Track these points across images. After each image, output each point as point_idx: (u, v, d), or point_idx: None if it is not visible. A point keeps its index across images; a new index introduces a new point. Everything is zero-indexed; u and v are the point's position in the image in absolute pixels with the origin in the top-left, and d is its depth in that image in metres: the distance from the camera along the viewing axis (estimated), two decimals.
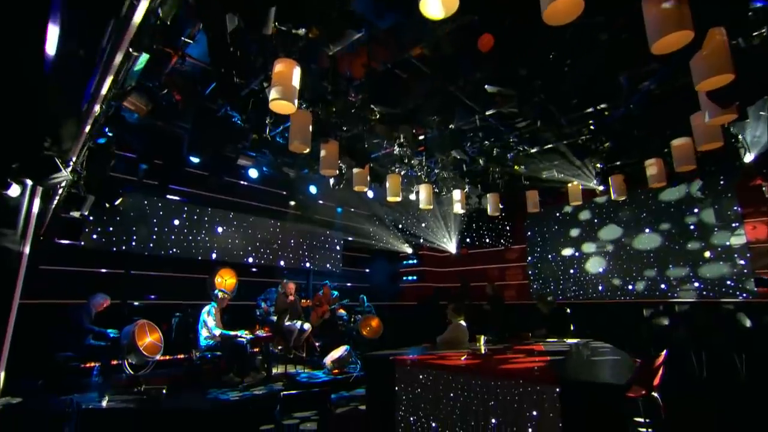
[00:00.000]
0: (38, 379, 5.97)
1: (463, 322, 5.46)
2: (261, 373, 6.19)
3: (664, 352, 3.76)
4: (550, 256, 10.72)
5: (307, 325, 7.49)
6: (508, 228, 11.55)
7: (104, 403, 5.06)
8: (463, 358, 3.95)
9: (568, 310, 6.10)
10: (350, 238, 11.55)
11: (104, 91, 2.25)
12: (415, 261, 12.54)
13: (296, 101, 3.06)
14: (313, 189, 9.59)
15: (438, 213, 11.07)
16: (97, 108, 2.35)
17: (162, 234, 7.86)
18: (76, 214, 4.64)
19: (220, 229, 8.65)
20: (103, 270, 7.30)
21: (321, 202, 10.50)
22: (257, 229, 9.32)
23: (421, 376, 3.60)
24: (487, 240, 11.43)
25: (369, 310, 9.79)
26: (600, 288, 9.68)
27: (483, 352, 4.37)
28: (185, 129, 6.83)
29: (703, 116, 3.20)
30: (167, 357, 6.98)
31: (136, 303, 7.59)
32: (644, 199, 9.10)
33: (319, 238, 10.57)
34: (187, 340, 6.59)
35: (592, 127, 5.68)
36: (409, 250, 11.99)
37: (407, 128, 4.89)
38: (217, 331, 5.90)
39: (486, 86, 4.26)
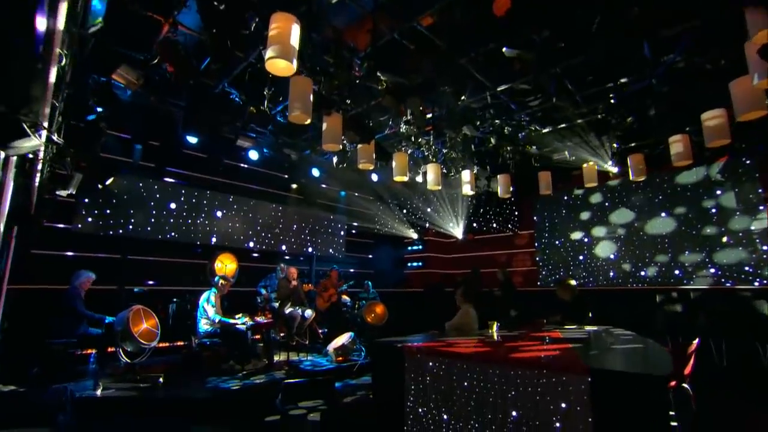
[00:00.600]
0: (33, 367, 5.79)
1: (472, 308, 5.20)
2: (262, 360, 5.97)
3: (697, 340, 3.48)
4: (558, 241, 10.42)
5: (309, 312, 7.25)
6: (515, 213, 11.23)
7: (99, 392, 4.85)
8: (476, 345, 3.69)
9: None
10: (354, 223, 11.28)
11: (60, 25, 1.92)
12: (420, 247, 12.27)
13: (295, 61, 2.74)
14: (315, 172, 9.29)
15: (444, 197, 10.76)
16: (57, 51, 2.03)
17: (160, 218, 7.60)
18: (63, 193, 4.37)
19: (219, 213, 8.38)
20: (100, 255, 7.05)
21: (324, 185, 10.20)
22: (258, 213, 9.04)
23: (431, 365, 3.34)
24: (494, 225, 11.12)
25: (374, 296, 9.56)
26: (611, 274, 9.39)
27: (496, 339, 4.10)
28: (180, 107, 6.52)
29: (751, 78, 2.87)
30: (166, 344, 6.77)
31: (135, 289, 7.36)
32: (659, 182, 8.75)
33: (322, 222, 10.29)
34: (186, 326, 6.37)
35: (612, 101, 5.32)
36: (414, 236, 11.70)
37: (415, 101, 4.55)
38: (217, 318, 5.66)
39: (504, 49, 3.91)
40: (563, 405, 2.52)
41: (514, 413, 2.79)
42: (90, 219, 6.72)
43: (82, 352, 5.92)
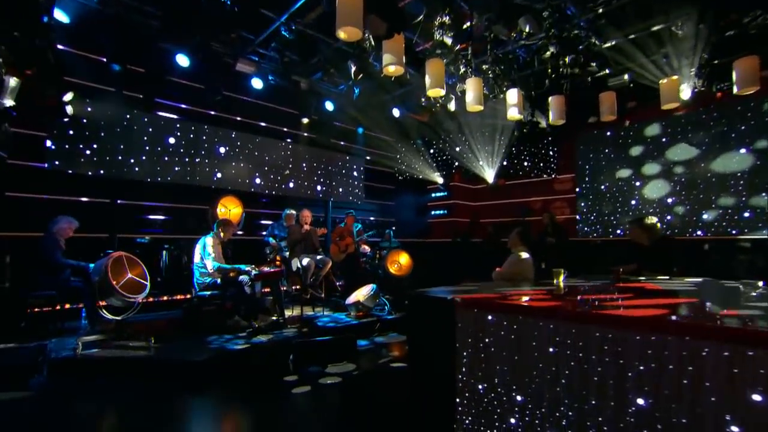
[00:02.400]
0: (18, 322, 5.09)
1: (527, 254, 4.18)
2: (272, 316, 5.15)
3: None
4: (604, 186, 9.19)
5: (325, 259, 6.35)
6: (554, 153, 9.95)
7: (78, 352, 4.09)
8: (554, 299, 2.68)
9: None
10: (373, 167, 10.18)
11: None
12: (445, 193, 11.15)
13: None
14: (329, 105, 8.12)
15: (474, 133, 9.51)
16: None
17: (153, 156, 6.63)
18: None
19: (221, 150, 7.36)
20: (84, 199, 6.18)
21: (339, 123, 9.04)
22: (265, 151, 8.00)
23: (498, 325, 2.36)
24: (530, 167, 9.90)
25: (396, 246, 8.65)
26: (667, 218, 8.20)
27: (562, 291, 3.09)
28: (160, 18, 5.35)
29: None
30: (164, 298, 6.01)
31: (141, 238, 6.54)
32: (741, 110, 7.32)
33: (337, 164, 9.22)
34: (183, 278, 5.56)
35: None
36: (440, 180, 10.54)
37: None
38: (216, 266, 4.78)
39: None
40: (757, 398, 1.51)
41: (640, 401, 1.80)
42: (63, 156, 5.76)
43: (72, 306, 5.20)
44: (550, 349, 2.14)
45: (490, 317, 2.42)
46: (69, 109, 4.97)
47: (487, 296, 2.74)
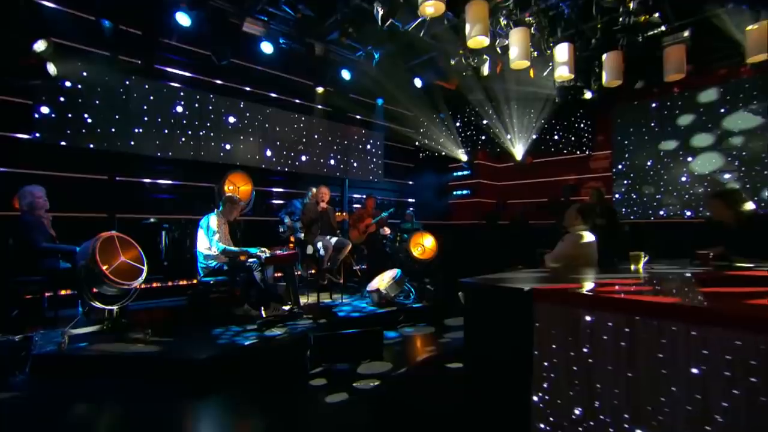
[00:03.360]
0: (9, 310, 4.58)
1: (590, 234, 3.49)
2: (286, 304, 4.55)
3: None
4: (648, 162, 8.34)
5: (343, 241, 5.72)
6: (589, 128, 9.10)
7: (65, 347, 3.54)
8: (665, 292, 2.02)
9: None
10: (392, 143, 9.47)
11: None
12: (468, 172, 10.39)
13: None
14: (345, 74, 7.39)
15: (504, 105, 8.70)
16: None
17: (153, 128, 6.02)
18: None
19: (230, 121, 6.72)
20: (79, 175, 5.61)
21: (356, 95, 8.32)
22: (277, 124, 7.34)
23: (600, 327, 1.70)
24: (562, 143, 9.08)
25: (418, 228, 8.00)
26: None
27: (643, 279, 2.41)
28: None
29: None
30: (169, 283, 5.46)
31: (151, 219, 5.97)
32: None
33: (354, 138, 8.54)
34: (187, 261, 4.99)
35: None
36: (463, 157, 9.76)
37: None
38: (220, 248, 4.19)
39: None
40: None
41: None
42: (52, 126, 5.17)
43: (72, 293, 4.67)
44: (693, 370, 1.46)
45: (588, 317, 1.75)
46: (51, 69, 4.35)
47: (573, 287, 2.07)
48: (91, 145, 5.46)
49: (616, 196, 8.71)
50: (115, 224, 5.60)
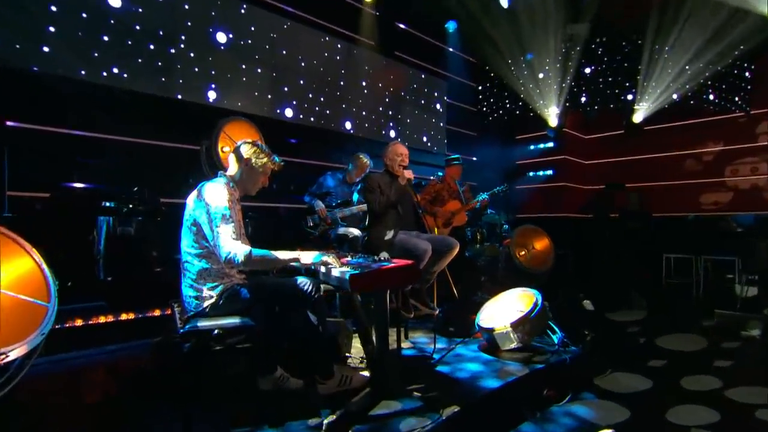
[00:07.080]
0: None
1: None
2: (358, 365, 1.92)
3: None
4: None
5: (450, 241, 3.07)
6: (746, 77, 6.30)
7: None
8: None
9: None
10: (455, 102, 6.74)
11: None
12: (552, 144, 7.58)
13: None
14: None
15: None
16: None
17: (81, 34, 3.39)
18: None
19: (222, 39, 4.05)
20: None
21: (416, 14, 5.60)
22: (299, 50, 4.66)
23: None
24: (707, 99, 6.30)
25: (500, 220, 5.39)
26: None
27: None
28: None
29: None
30: (109, 318, 2.77)
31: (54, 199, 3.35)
32: None
33: (411, 87, 5.86)
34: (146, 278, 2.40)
35: None
36: (554, 122, 6.89)
37: None
38: (243, 251, 1.61)
39: None
40: None
41: None
42: None
43: None
44: None
45: None
46: None
47: None
48: None
49: None
50: (5, 204, 2.99)
